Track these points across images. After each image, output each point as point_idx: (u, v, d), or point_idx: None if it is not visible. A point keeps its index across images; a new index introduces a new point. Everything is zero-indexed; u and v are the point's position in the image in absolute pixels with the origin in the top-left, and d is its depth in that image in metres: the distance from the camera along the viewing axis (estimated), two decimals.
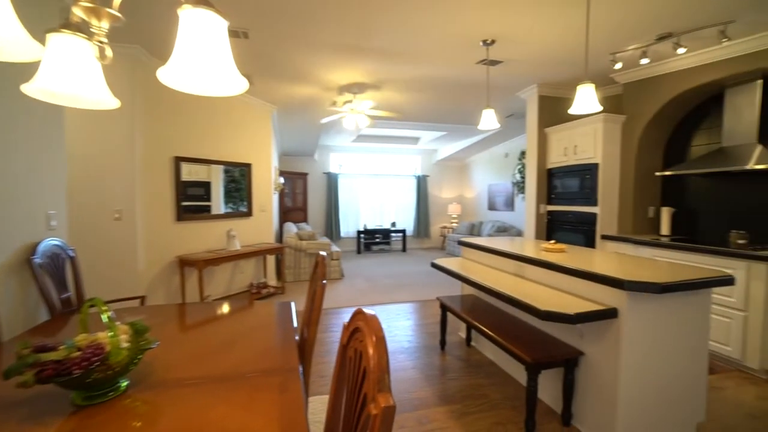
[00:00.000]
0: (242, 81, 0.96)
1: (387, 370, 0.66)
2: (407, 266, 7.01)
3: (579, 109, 2.27)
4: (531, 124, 4.57)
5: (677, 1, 2.39)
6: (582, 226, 4.15)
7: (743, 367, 2.82)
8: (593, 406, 2.02)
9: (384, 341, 0.69)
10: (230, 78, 0.94)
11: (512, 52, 3.29)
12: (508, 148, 7.82)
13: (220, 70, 0.90)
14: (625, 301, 1.82)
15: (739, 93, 3.21)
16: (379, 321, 0.75)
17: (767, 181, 3.17)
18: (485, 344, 3.09)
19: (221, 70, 0.90)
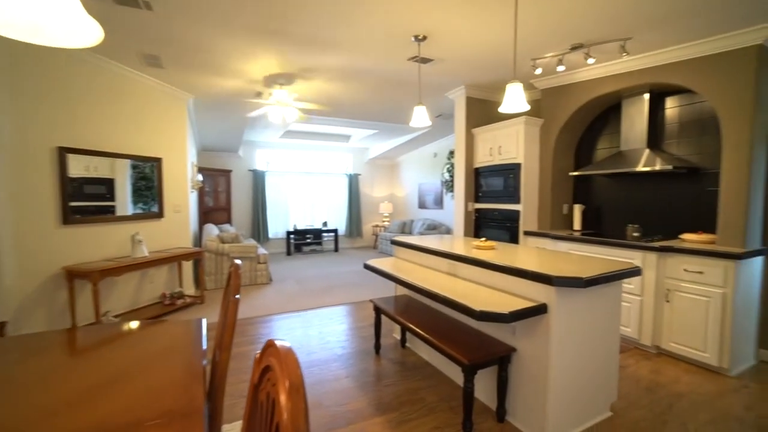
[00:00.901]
0: (91, 28, 0.71)
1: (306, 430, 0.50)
2: (340, 267, 6.83)
3: (508, 107, 2.31)
4: (459, 125, 4.68)
5: (587, 14, 2.56)
6: (506, 223, 4.35)
7: (639, 345, 3.15)
8: (525, 399, 2.06)
9: (302, 390, 0.53)
10: (70, 19, 0.68)
11: (443, 51, 3.29)
12: (436, 147, 8.03)
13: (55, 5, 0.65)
14: (554, 296, 1.87)
15: (632, 104, 3.59)
16: (296, 359, 0.59)
17: (653, 181, 3.60)
18: (420, 344, 3.05)
19: (57, 6, 0.65)
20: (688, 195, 3.35)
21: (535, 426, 2.00)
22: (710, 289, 2.73)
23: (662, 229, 3.54)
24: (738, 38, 2.74)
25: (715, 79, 2.90)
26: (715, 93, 2.91)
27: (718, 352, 2.72)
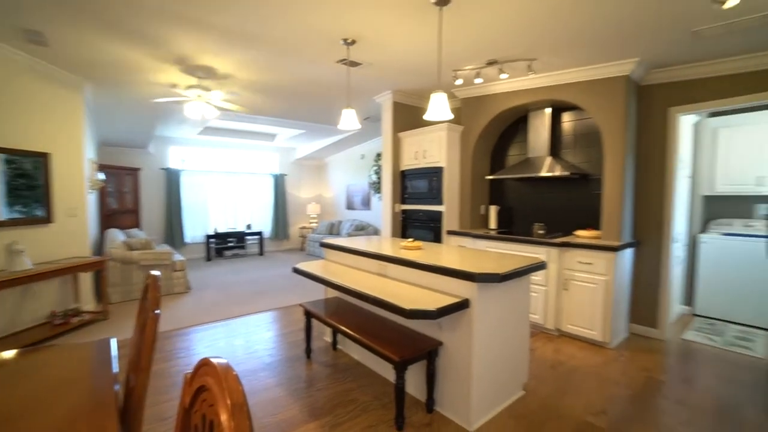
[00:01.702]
0: None
1: None
2: (266, 271, 6.56)
3: (433, 115, 2.45)
4: (386, 128, 4.82)
5: (501, 34, 2.82)
6: (431, 223, 4.60)
7: (545, 329, 3.58)
8: (452, 389, 2.22)
9: (245, 408, 0.53)
10: None
11: (372, 56, 3.36)
12: (364, 149, 8.14)
13: None
14: (475, 291, 2.05)
15: (537, 116, 4.05)
16: (237, 376, 0.58)
17: (554, 185, 4.11)
18: (351, 345, 3.09)
19: None
20: (581, 197, 3.90)
21: (461, 412, 2.17)
22: (597, 276, 3.21)
23: (561, 227, 4.05)
24: (613, 68, 3.27)
25: (597, 100, 3.42)
26: (597, 111, 3.43)
27: (602, 329, 3.22)
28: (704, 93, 3.21)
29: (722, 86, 3.12)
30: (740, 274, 3.84)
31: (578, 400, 2.45)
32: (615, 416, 2.27)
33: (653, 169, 3.49)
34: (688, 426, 2.19)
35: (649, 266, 3.53)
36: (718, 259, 3.98)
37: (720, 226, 4.13)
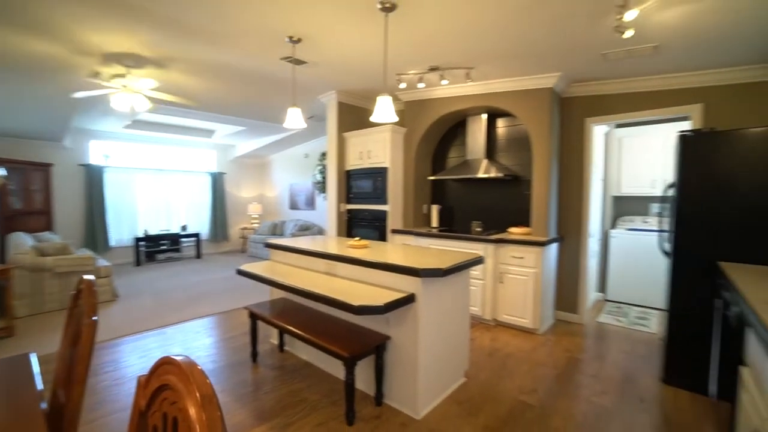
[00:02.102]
0: None
1: None
2: (205, 275, 6.21)
3: (379, 117, 2.53)
4: (331, 128, 4.83)
5: (442, 42, 2.99)
6: (376, 222, 4.70)
7: (483, 320, 3.86)
8: (399, 380, 2.32)
9: (215, 400, 0.56)
10: None
11: (317, 55, 3.36)
12: (308, 148, 8.03)
13: None
14: (420, 286, 2.17)
15: (474, 121, 4.34)
16: (202, 371, 0.61)
17: (490, 186, 4.44)
18: (299, 346, 3.08)
19: None
20: (514, 197, 4.24)
21: (408, 403, 2.28)
22: (527, 269, 3.54)
23: (497, 225, 4.38)
24: (539, 80, 3.62)
25: (527, 108, 3.76)
26: (527, 119, 3.77)
27: (532, 318, 3.55)
28: (612, 107, 3.68)
29: (626, 102, 3.60)
30: (640, 263, 4.45)
31: (512, 382, 2.69)
32: (544, 393, 2.54)
33: (573, 173, 3.92)
34: (601, 395, 2.52)
35: (571, 259, 3.96)
36: (624, 251, 4.58)
37: (625, 222, 4.76)
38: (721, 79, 3.12)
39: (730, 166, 2.40)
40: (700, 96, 3.23)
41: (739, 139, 2.38)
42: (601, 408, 2.38)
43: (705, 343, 2.51)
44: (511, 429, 2.15)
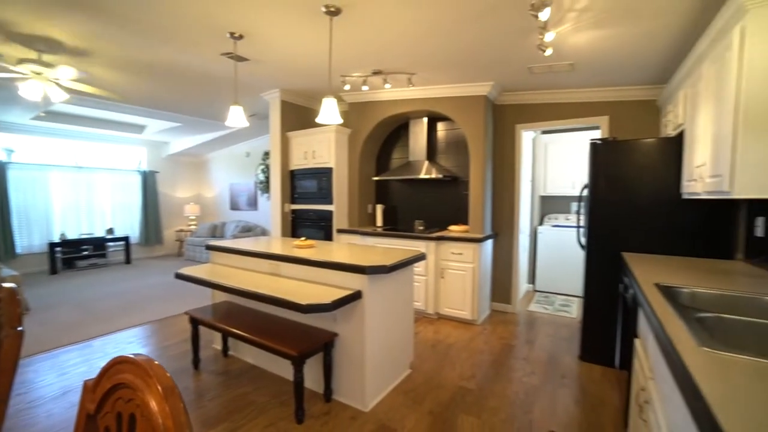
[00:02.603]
0: None
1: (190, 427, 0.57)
2: (136, 281, 5.76)
3: (324, 119, 2.58)
4: (274, 127, 4.75)
5: (385, 48, 3.11)
6: (321, 222, 4.72)
7: (426, 314, 4.06)
8: (348, 376, 2.39)
9: (177, 391, 0.59)
10: None
11: (260, 53, 3.30)
12: (250, 147, 7.77)
13: None
14: (366, 283, 2.26)
15: (416, 124, 4.54)
16: (161, 365, 0.64)
17: (431, 186, 4.67)
18: (245, 350, 3.02)
19: None
20: (453, 196, 4.51)
21: (356, 397, 2.36)
22: (466, 264, 3.79)
23: (438, 223, 4.62)
24: (475, 88, 3.90)
25: (464, 114, 4.02)
26: (464, 123, 4.04)
27: (471, 309, 3.82)
28: (538, 114, 4.07)
29: (550, 111, 4.01)
30: (563, 256, 4.97)
31: (454, 370, 2.89)
32: (481, 378, 2.77)
33: (506, 174, 4.27)
34: (530, 375, 2.81)
35: (504, 254, 4.31)
36: (550, 245, 5.08)
37: (551, 219, 5.28)
38: (622, 95, 3.62)
39: (628, 170, 2.81)
40: (607, 109, 3.71)
41: (635, 147, 2.79)
42: (530, 386, 2.66)
43: (612, 322, 2.91)
44: (452, 413, 2.33)
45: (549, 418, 2.29)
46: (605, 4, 2.17)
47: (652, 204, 2.75)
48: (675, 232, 2.69)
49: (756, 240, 2.18)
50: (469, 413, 2.32)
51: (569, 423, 2.24)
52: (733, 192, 1.70)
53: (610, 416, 2.31)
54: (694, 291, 1.65)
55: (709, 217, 2.60)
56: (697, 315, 1.29)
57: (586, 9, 2.23)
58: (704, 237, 2.62)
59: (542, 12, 2.02)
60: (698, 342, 1.02)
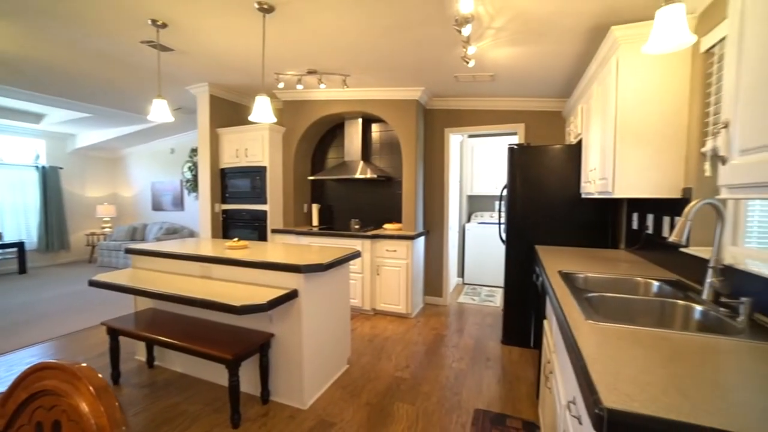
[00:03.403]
0: None
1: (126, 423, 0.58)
2: (35, 293, 5.06)
3: (257, 117, 2.54)
4: (203, 123, 4.50)
5: (319, 49, 3.13)
6: (255, 223, 4.59)
7: (363, 311, 4.17)
8: (285, 376, 2.39)
9: (110, 389, 0.60)
10: None
11: (187, 44, 3.12)
12: (175, 143, 7.23)
13: None
14: (302, 282, 2.28)
15: (351, 125, 4.61)
16: (91, 367, 0.64)
17: (367, 185, 4.79)
18: (173, 358, 2.85)
19: None
20: (387, 196, 4.67)
21: (295, 396, 2.37)
22: (400, 261, 3.97)
23: (373, 222, 4.75)
24: (407, 92, 4.09)
25: (397, 116, 4.19)
26: (397, 126, 4.21)
27: (405, 304, 4.00)
28: (465, 120, 4.38)
29: (475, 117, 4.34)
30: (488, 250, 5.41)
31: (389, 362, 3.02)
32: (415, 367, 2.93)
33: (436, 175, 4.53)
34: (459, 361, 3.04)
35: (435, 250, 4.57)
36: (476, 241, 5.49)
37: (477, 217, 5.71)
38: (535, 106, 4.06)
39: (540, 173, 3.17)
40: (523, 117, 4.13)
41: (545, 152, 3.16)
42: (459, 371, 2.88)
43: (528, 308, 3.27)
44: (388, 401, 2.45)
45: (475, 396, 2.52)
46: (517, 25, 2.45)
47: (559, 202, 3.14)
48: (577, 226, 3.11)
49: (632, 232, 2.62)
50: (403, 400, 2.46)
51: (492, 399, 2.48)
52: (614, 192, 2.04)
53: (526, 390, 2.60)
54: (587, 275, 1.95)
55: (601, 213, 3.05)
56: (586, 295, 1.55)
57: (503, 28, 2.49)
58: (598, 230, 3.07)
59: (465, 28, 2.22)
60: (585, 316, 1.23)
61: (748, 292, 1.31)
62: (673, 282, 1.76)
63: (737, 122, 0.89)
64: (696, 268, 1.68)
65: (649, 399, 0.72)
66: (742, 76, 0.88)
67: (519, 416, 2.29)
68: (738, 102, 0.89)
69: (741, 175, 0.87)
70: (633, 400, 0.72)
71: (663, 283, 1.77)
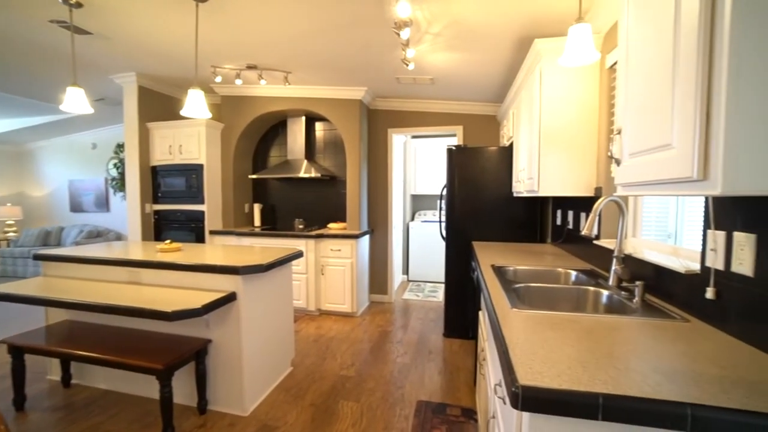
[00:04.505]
0: None
1: None
2: None
3: (189, 112, 2.40)
4: (130, 116, 4.14)
5: (259, 43, 3.03)
6: (191, 224, 4.33)
7: (307, 311, 4.12)
8: (224, 382, 2.29)
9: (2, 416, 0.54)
10: None
11: (107, 28, 2.84)
12: (97, 137, 6.56)
13: None
14: (240, 284, 2.20)
15: (294, 123, 4.53)
16: None
17: (311, 185, 4.73)
18: (95, 374, 2.60)
19: None
20: (332, 195, 4.65)
21: (235, 403, 2.28)
22: (345, 260, 3.98)
23: (318, 221, 4.70)
24: (351, 92, 4.10)
25: (341, 115, 4.19)
26: (341, 125, 4.21)
27: (350, 303, 4.02)
28: (408, 121, 4.50)
29: (418, 118, 4.48)
30: (431, 248, 5.60)
31: (334, 362, 3.02)
32: (360, 365, 2.96)
33: (380, 174, 4.60)
34: (403, 355, 3.13)
35: (380, 248, 4.64)
36: (420, 239, 5.66)
37: (421, 215, 5.88)
38: (473, 109, 4.29)
39: (477, 173, 3.36)
40: (461, 120, 4.34)
41: (481, 153, 3.35)
42: (403, 365, 2.96)
43: (467, 302, 3.44)
44: (333, 400, 2.45)
45: (418, 389, 2.61)
46: (453, 32, 2.57)
47: (494, 200, 3.35)
48: (510, 223, 3.34)
49: (557, 227, 2.88)
50: (348, 398, 2.47)
51: (434, 390, 2.59)
52: (539, 191, 2.23)
53: (465, 378, 2.75)
54: (516, 268, 2.11)
55: (531, 210, 3.31)
56: (514, 286, 1.68)
57: (439, 34, 2.60)
58: (528, 226, 3.32)
59: (403, 31, 2.29)
60: (511, 305, 1.33)
61: (642, 276, 1.51)
62: (587, 271, 1.97)
63: (627, 130, 1.03)
64: (606, 258, 1.90)
65: (556, 374, 0.81)
66: (629, 92, 1.02)
67: (458, 404, 2.41)
68: (627, 113, 1.03)
69: (630, 175, 1.01)
70: (543, 376, 0.80)
71: (579, 272, 1.98)
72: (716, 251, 1.09)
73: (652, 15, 0.91)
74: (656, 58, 0.88)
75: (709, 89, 0.70)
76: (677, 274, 1.29)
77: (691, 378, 0.79)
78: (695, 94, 0.72)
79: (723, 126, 0.66)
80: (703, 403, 0.70)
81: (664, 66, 0.84)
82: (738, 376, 0.80)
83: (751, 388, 0.75)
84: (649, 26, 0.91)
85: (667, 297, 1.37)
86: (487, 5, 2.18)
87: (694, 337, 1.03)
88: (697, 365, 0.85)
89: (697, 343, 0.99)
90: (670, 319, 1.18)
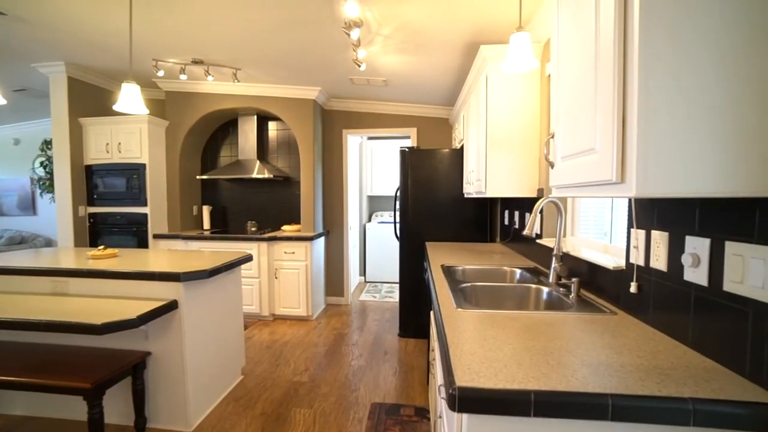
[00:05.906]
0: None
1: None
2: None
3: (123, 107, 2.22)
4: (59, 110, 3.77)
5: (205, 37, 2.87)
6: (133, 228, 4.03)
7: (261, 317, 3.98)
8: (167, 398, 2.14)
9: None
10: None
11: (26, 9, 2.56)
12: (20, 132, 5.91)
13: None
14: (182, 291, 2.07)
15: (246, 122, 4.35)
16: None
17: (263, 186, 4.58)
18: (11, 400, 2.32)
19: None
20: (285, 197, 4.53)
21: (178, 418, 2.13)
22: (299, 263, 3.89)
23: (271, 223, 4.56)
24: (304, 92, 4.02)
25: (294, 115, 4.09)
26: (294, 125, 4.11)
27: (305, 306, 3.93)
28: (363, 122, 4.49)
29: (372, 119, 4.48)
30: (387, 249, 5.63)
31: (288, 367, 2.93)
32: (315, 369, 2.90)
33: (335, 175, 4.55)
34: (359, 358, 3.10)
35: (336, 250, 4.59)
36: (377, 240, 5.67)
37: (377, 216, 5.90)
38: (426, 112, 4.36)
39: (429, 174, 3.42)
40: (415, 122, 4.40)
41: (433, 155, 3.42)
42: (359, 367, 2.94)
43: (421, 301, 3.49)
44: (285, 408, 2.37)
45: (372, 391, 2.59)
46: (404, 35, 2.59)
47: (446, 202, 3.42)
48: (462, 223, 3.43)
49: (505, 227, 3.00)
50: (301, 405, 2.41)
51: (388, 391, 2.59)
52: (486, 192, 2.30)
53: (418, 378, 2.78)
54: (465, 268, 2.17)
55: (481, 211, 3.42)
56: (461, 286, 1.71)
57: (390, 36, 2.61)
58: (479, 226, 3.43)
59: (353, 31, 2.27)
60: (456, 305, 1.36)
61: (578, 273, 1.60)
62: (531, 269, 2.06)
63: (559, 134, 1.09)
64: (548, 256, 2.00)
65: (492, 373, 0.83)
66: (560, 99, 1.08)
67: (412, 404, 2.43)
68: (559, 119, 1.09)
69: (563, 177, 1.06)
70: (480, 376, 0.82)
71: (523, 270, 2.06)
72: (638, 248, 1.18)
73: (576, 32, 0.97)
74: (581, 70, 0.93)
75: (624, 100, 0.75)
76: (607, 270, 1.38)
77: (614, 369, 0.84)
78: (613, 104, 0.77)
79: (635, 134, 0.71)
80: (621, 392, 0.74)
81: (587, 77, 0.89)
82: (653, 365, 0.87)
83: (663, 375, 0.81)
84: (576, 41, 0.97)
85: (599, 292, 1.46)
86: (435, 10, 2.22)
87: (620, 329, 1.11)
88: (620, 357, 0.91)
89: (622, 336, 1.06)
90: (600, 313, 1.26)
